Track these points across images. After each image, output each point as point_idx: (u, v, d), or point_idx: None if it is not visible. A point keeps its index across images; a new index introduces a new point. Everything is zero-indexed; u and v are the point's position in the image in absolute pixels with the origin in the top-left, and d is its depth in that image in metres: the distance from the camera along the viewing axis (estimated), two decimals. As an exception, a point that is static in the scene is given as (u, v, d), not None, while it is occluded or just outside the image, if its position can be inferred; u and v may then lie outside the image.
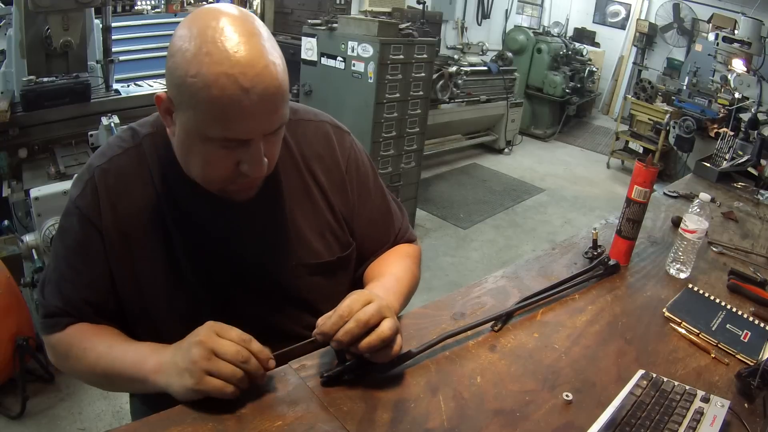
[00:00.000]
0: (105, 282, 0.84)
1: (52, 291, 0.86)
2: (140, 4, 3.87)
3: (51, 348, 0.89)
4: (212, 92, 0.68)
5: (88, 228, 0.83)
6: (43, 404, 1.92)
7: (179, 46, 0.71)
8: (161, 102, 0.77)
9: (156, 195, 0.84)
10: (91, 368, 0.82)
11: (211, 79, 0.67)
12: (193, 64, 0.68)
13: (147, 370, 0.74)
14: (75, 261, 0.84)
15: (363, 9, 4.52)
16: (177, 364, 0.71)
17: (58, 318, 0.85)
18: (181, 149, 0.79)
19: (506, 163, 5.41)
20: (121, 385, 0.84)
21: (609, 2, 7.72)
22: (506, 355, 0.88)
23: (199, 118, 0.71)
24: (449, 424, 0.72)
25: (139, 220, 0.84)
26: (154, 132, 0.87)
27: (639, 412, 0.75)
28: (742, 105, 4.02)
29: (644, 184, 1.14)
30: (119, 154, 0.85)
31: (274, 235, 0.90)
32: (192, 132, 0.74)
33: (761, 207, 1.81)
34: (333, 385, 0.76)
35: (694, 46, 5.07)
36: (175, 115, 0.76)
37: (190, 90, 0.69)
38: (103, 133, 2.21)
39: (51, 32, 2.04)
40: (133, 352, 0.79)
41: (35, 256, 1.95)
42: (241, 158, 0.75)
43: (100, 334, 0.84)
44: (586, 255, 1.24)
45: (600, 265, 1.17)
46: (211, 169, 0.77)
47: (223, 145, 0.73)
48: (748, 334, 1.00)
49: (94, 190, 0.83)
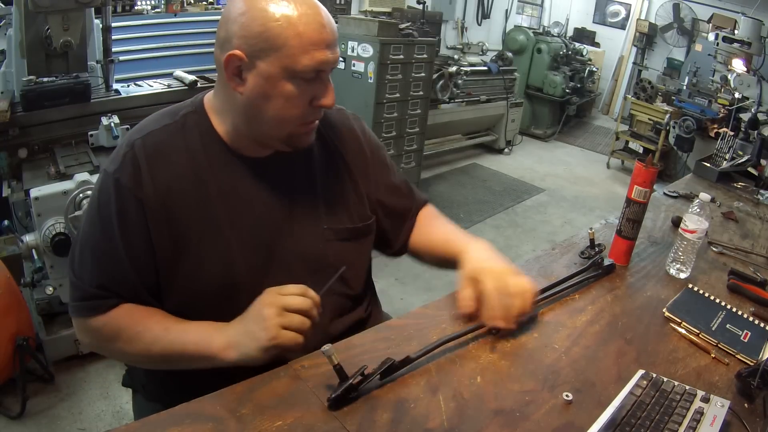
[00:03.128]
0: (148, 254, 0.86)
1: (90, 271, 0.87)
2: (140, 4, 3.86)
3: (90, 331, 0.89)
4: (299, 29, 0.79)
5: (127, 198, 0.84)
6: (43, 404, 1.92)
7: (249, 4, 0.80)
8: (232, 61, 0.81)
9: (198, 165, 0.88)
10: (145, 350, 0.85)
11: (295, 18, 0.79)
12: (274, 11, 0.79)
13: (215, 348, 0.81)
14: (116, 236, 0.85)
15: (363, 9, 4.52)
16: (250, 331, 0.80)
17: (99, 300, 0.86)
18: (254, 102, 0.84)
19: (506, 163, 5.40)
20: (179, 363, 0.85)
21: (609, 2, 7.71)
22: (506, 355, 0.88)
23: (286, 55, 0.80)
24: (449, 424, 0.72)
25: (181, 188, 0.87)
26: (193, 110, 0.92)
27: (639, 412, 0.75)
28: (742, 105, 4.01)
29: (644, 184, 1.14)
30: (158, 129, 0.89)
31: (306, 201, 0.97)
32: (274, 75, 0.81)
33: (761, 207, 1.81)
34: (340, 407, 0.73)
35: (694, 46, 5.07)
36: (247, 72, 0.82)
37: (276, 32, 0.79)
38: (103, 133, 2.21)
39: (51, 32, 2.04)
40: (194, 332, 0.84)
41: (35, 256, 1.95)
42: (315, 93, 0.85)
43: (151, 316, 0.87)
44: (582, 255, 1.23)
45: (594, 265, 1.16)
46: (289, 108, 0.84)
47: (303, 79, 0.82)
48: (748, 334, 1.00)
49: (135, 162, 0.85)
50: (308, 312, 0.81)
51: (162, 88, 2.59)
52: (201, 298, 0.89)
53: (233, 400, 0.73)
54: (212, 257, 0.88)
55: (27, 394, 1.87)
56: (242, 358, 0.80)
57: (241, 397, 0.73)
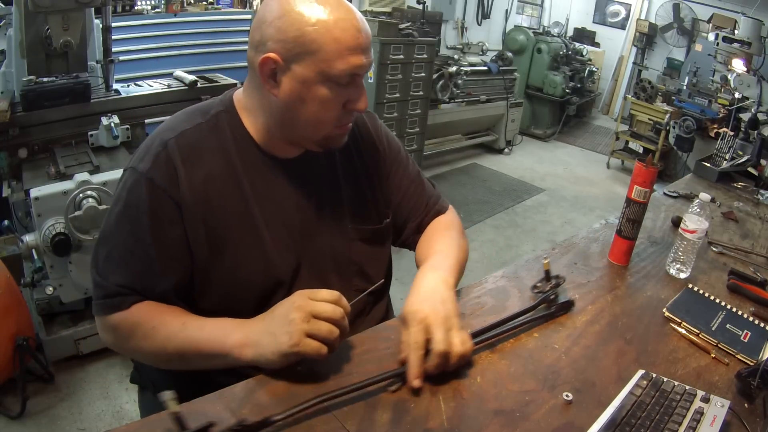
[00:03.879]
0: (182, 255, 0.86)
1: (114, 269, 0.86)
2: (140, 4, 3.86)
3: (110, 329, 0.87)
4: (335, 33, 0.80)
5: (162, 199, 0.84)
6: (43, 404, 1.92)
7: (287, 8, 0.80)
8: (267, 64, 0.82)
9: (232, 165, 0.89)
10: (160, 346, 0.83)
11: (331, 23, 0.80)
12: (310, 16, 0.80)
13: (231, 344, 0.78)
14: (146, 235, 0.84)
15: (363, 9, 4.52)
16: (272, 332, 0.76)
17: (122, 297, 0.85)
18: (289, 105, 0.85)
19: (506, 163, 5.40)
20: (196, 362, 0.83)
21: (609, 2, 7.71)
22: (506, 355, 0.88)
23: (323, 60, 0.80)
24: (449, 424, 0.72)
25: (214, 185, 0.87)
26: (225, 110, 0.92)
27: (639, 412, 0.75)
28: (742, 105, 4.01)
29: (644, 184, 1.14)
30: (190, 129, 0.89)
31: (332, 201, 0.99)
32: (310, 79, 0.82)
33: (761, 207, 1.81)
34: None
35: (694, 46, 5.06)
36: (283, 74, 0.82)
37: (312, 37, 0.79)
38: (103, 133, 2.21)
39: (51, 32, 2.04)
40: (211, 328, 0.82)
41: (35, 256, 1.95)
42: (349, 96, 0.86)
43: (169, 312, 0.86)
44: (534, 289, 1.05)
45: (546, 302, 1.00)
46: (324, 111, 0.85)
47: (338, 83, 0.83)
48: (748, 334, 1.00)
49: (169, 162, 0.85)
50: (338, 321, 0.75)
51: (162, 88, 2.59)
52: (240, 297, 0.89)
53: (233, 400, 0.73)
54: (252, 257, 0.89)
55: (27, 394, 1.87)
56: (258, 359, 0.76)
57: (241, 397, 0.74)
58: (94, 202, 1.83)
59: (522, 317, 0.96)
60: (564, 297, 1.04)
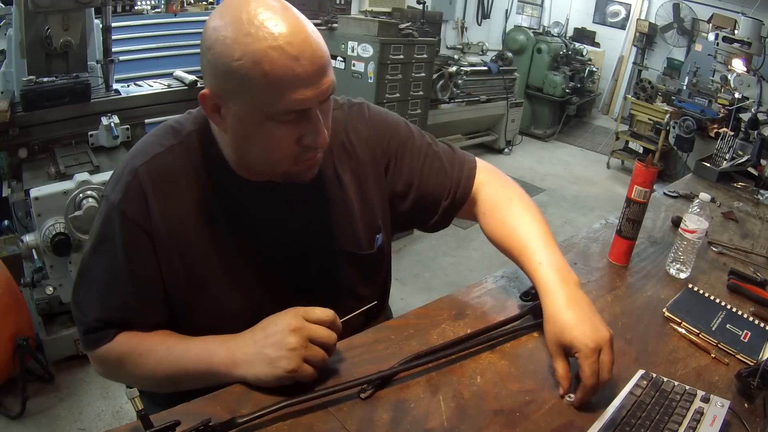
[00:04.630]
0: (155, 284, 0.83)
1: (92, 304, 0.83)
2: (140, 4, 3.86)
3: (99, 361, 0.86)
4: (263, 68, 0.67)
5: (135, 232, 0.80)
6: (43, 404, 1.92)
7: (215, 37, 0.70)
8: (206, 100, 0.75)
9: (204, 190, 0.83)
10: (150, 373, 0.81)
11: (258, 56, 0.67)
12: (235, 48, 0.68)
13: (218, 363, 0.76)
14: (121, 268, 0.81)
15: (363, 9, 4.52)
16: (266, 354, 0.72)
17: (103, 331, 0.83)
18: (237, 141, 0.78)
19: (506, 163, 5.40)
20: (186, 383, 0.80)
21: (609, 2, 7.71)
22: (506, 355, 0.88)
23: (256, 99, 0.70)
24: (449, 424, 0.72)
25: (189, 215, 0.82)
26: (197, 129, 0.85)
27: (639, 412, 0.75)
28: (742, 105, 4.01)
29: (644, 184, 1.14)
30: (162, 152, 0.83)
31: (319, 222, 0.92)
32: (248, 118, 0.73)
33: (761, 207, 1.81)
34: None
35: (694, 46, 5.06)
36: (224, 109, 0.74)
37: (239, 73, 0.68)
38: (103, 133, 2.21)
39: (51, 32, 2.04)
40: (197, 349, 0.79)
41: (35, 256, 1.95)
42: (302, 132, 0.75)
43: (153, 338, 0.83)
44: (524, 298, 1.02)
45: (532, 311, 0.96)
46: (274, 151, 0.76)
47: (282, 121, 0.73)
48: (748, 334, 0.99)
49: (140, 192, 0.80)
50: (331, 347, 0.75)
51: (162, 88, 2.59)
52: (228, 329, 0.81)
53: (233, 400, 0.73)
54: (232, 290, 0.86)
55: (27, 394, 1.87)
56: (248, 378, 0.74)
57: (241, 397, 0.73)
58: (94, 202, 1.83)
59: (507, 326, 0.92)
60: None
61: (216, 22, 0.71)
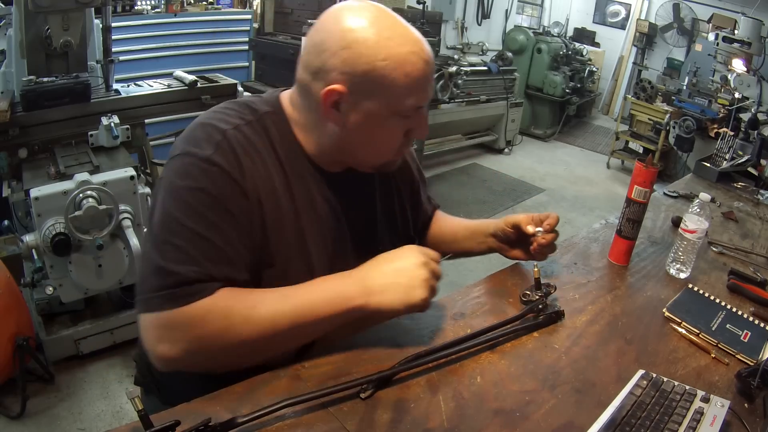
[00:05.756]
0: (248, 241, 0.80)
1: (184, 257, 0.75)
2: (140, 4, 3.86)
3: (192, 322, 0.74)
4: (406, 69, 0.78)
5: (233, 186, 0.78)
6: (43, 404, 1.92)
7: (353, 38, 0.77)
8: (331, 96, 0.79)
9: (284, 170, 0.85)
10: (269, 325, 0.75)
11: (401, 59, 0.77)
12: (379, 49, 0.76)
13: (354, 295, 0.79)
14: (219, 219, 0.77)
15: (363, 9, 4.51)
16: (401, 284, 0.80)
17: (201, 284, 0.74)
18: (354, 135, 0.83)
19: (506, 163, 5.40)
20: (312, 329, 0.78)
21: (609, 2, 7.71)
22: (506, 355, 0.88)
23: (391, 95, 0.79)
24: (449, 424, 0.72)
25: (270, 189, 0.83)
26: (272, 111, 0.88)
27: (639, 412, 0.75)
28: (742, 105, 4.01)
29: (644, 184, 1.14)
30: (243, 125, 0.83)
31: (366, 221, 0.98)
32: (378, 112, 0.80)
33: (761, 207, 1.81)
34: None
35: (694, 46, 5.06)
36: (349, 106, 0.80)
37: (382, 72, 0.77)
38: (103, 133, 2.21)
39: (51, 32, 2.04)
40: (320, 289, 0.79)
41: (35, 256, 1.95)
42: (412, 125, 0.85)
43: (257, 291, 0.79)
44: (524, 298, 1.01)
45: (533, 312, 0.96)
46: (387, 143, 0.86)
47: (404, 116, 0.82)
48: (748, 334, 1.00)
49: (233, 149, 0.79)
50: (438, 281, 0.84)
51: (162, 88, 2.59)
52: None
53: (233, 400, 0.73)
54: (298, 267, 0.86)
55: (27, 394, 1.87)
56: (381, 307, 0.79)
57: (241, 397, 0.73)
58: (94, 202, 1.83)
59: (507, 326, 0.92)
60: (554, 307, 0.99)
61: (349, 25, 0.78)
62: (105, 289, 2.07)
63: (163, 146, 3.40)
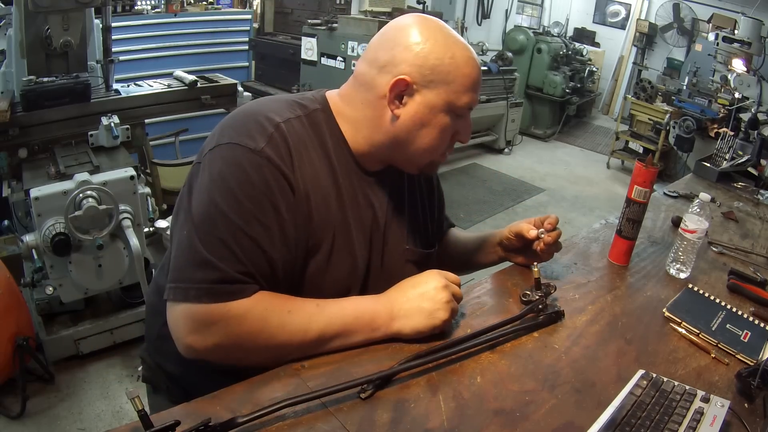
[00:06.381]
0: (292, 235, 0.81)
1: (229, 253, 0.75)
2: (140, 4, 3.87)
3: (231, 319, 0.75)
4: (466, 69, 0.86)
5: (280, 180, 0.79)
6: (43, 404, 1.93)
7: (426, 36, 0.85)
8: (399, 86, 0.85)
9: (332, 165, 0.89)
10: (302, 330, 0.79)
11: (464, 59, 0.86)
12: (447, 48, 0.85)
13: (381, 316, 0.85)
14: (264, 217, 0.77)
15: (363, 9, 4.52)
16: (424, 309, 0.85)
17: (242, 284, 0.76)
18: (411, 126, 0.88)
19: (506, 163, 5.41)
20: (338, 340, 0.82)
21: (609, 2, 7.72)
22: (506, 355, 0.88)
23: (452, 90, 0.86)
24: (449, 424, 0.72)
25: (321, 185, 0.86)
26: (322, 109, 0.91)
27: (639, 412, 0.75)
28: (742, 105, 4.01)
29: (644, 184, 1.14)
30: (294, 119, 0.86)
31: (397, 220, 1.01)
32: (437, 105, 0.87)
33: (761, 207, 1.81)
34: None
35: (694, 46, 5.06)
36: (411, 97, 0.86)
37: (449, 68, 0.85)
38: (103, 133, 2.21)
39: (51, 32, 2.04)
40: (352, 306, 0.85)
41: (35, 256, 1.95)
42: (458, 128, 0.92)
43: (294, 298, 0.81)
44: (523, 298, 1.01)
45: (533, 312, 0.96)
46: (438, 141, 0.90)
47: (457, 115, 0.89)
48: (748, 334, 1.00)
49: (285, 144, 0.81)
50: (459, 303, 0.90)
51: (162, 88, 2.59)
52: (316, 288, 0.86)
53: (233, 400, 0.73)
54: (341, 259, 0.89)
55: (27, 394, 1.87)
56: (407, 330, 0.84)
57: (241, 397, 0.73)
58: (94, 202, 1.83)
59: (507, 326, 0.92)
60: (554, 307, 0.98)
61: (421, 28, 0.86)
62: (105, 289, 2.07)
63: (163, 146, 3.40)
